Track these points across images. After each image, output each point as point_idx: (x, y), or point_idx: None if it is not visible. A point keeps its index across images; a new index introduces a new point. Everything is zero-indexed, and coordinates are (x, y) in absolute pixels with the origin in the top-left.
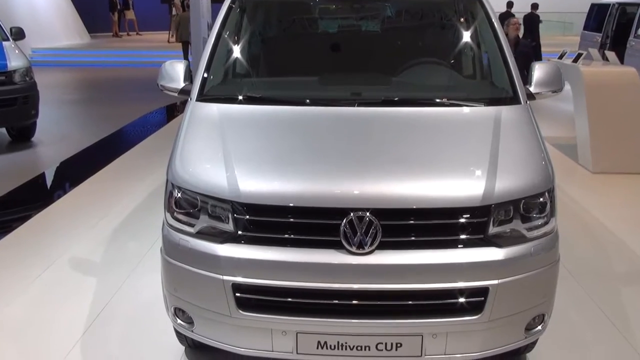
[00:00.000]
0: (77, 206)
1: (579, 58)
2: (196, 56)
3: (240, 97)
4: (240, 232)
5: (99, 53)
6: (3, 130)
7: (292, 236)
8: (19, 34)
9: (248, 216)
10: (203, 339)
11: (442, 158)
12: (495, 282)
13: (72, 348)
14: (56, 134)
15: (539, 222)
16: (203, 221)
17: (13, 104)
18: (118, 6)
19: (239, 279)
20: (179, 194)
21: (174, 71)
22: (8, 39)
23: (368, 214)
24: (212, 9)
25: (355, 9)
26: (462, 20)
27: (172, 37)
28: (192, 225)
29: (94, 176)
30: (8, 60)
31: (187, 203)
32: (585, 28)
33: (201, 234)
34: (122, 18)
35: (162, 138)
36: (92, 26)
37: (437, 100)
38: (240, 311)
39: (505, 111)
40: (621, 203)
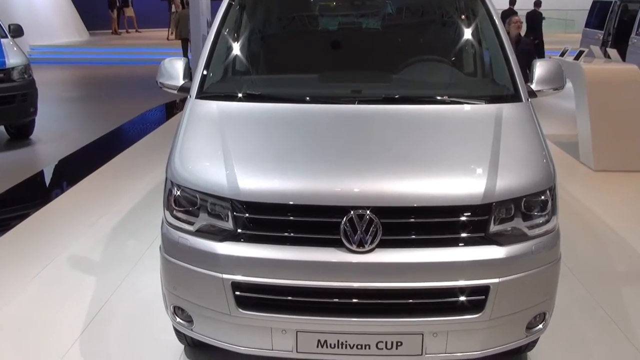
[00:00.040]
0: (76, 204)
1: (581, 55)
2: (195, 53)
3: (239, 95)
4: (239, 231)
5: (98, 50)
6: (1, 128)
7: (292, 234)
8: (18, 31)
9: (248, 214)
10: (202, 338)
11: (443, 156)
12: (496, 281)
13: (71, 346)
14: (55, 132)
15: (540, 221)
16: (202, 219)
17: (11, 102)
18: (117, 3)
19: (239, 278)
20: (178, 192)
21: (173, 68)
22: (6, 36)
23: (368, 212)
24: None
25: (355, 6)
26: (463, 17)
27: (172, 35)
28: (192, 223)
29: (93, 174)
30: (6, 57)
31: (187, 201)
32: (587, 25)
33: (200, 232)
34: (121, 15)
35: (162, 136)
36: (91, 23)
37: (438, 97)
38: (239, 310)
39: (506, 109)
40: (623, 201)
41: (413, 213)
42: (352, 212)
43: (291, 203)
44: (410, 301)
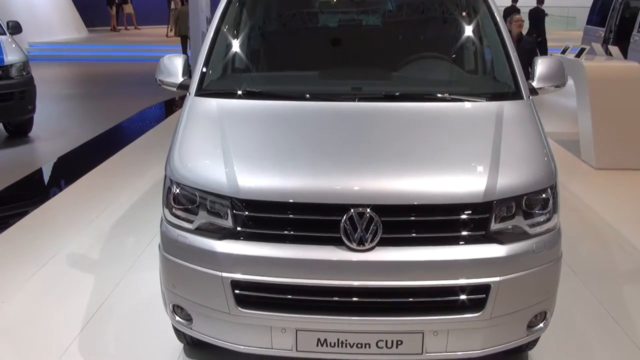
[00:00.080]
0: (75, 202)
1: (582, 53)
2: (195, 51)
3: (239, 92)
4: (239, 229)
5: (97, 47)
6: (0, 125)
7: (292, 232)
8: (16, 28)
9: (247, 212)
10: (202, 336)
11: (444, 154)
12: (497, 279)
13: (70, 345)
14: (53, 129)
15: (542, 219)
16: (202, 217)
17: (10, 99)
18: (116, 0)
19: (238, 276)
20: (178, 190)
21: (173, 65)
22: (5, 33)
23: (369, 210)
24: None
25: (356, 3)
26: (464, 14)
27: (171, 32)
28: (191, 221)
29: (92, 172)
30: (5, 54)
31: (186, 199)
32: (588, 22)
33: (200, 230)
34: (120, 12)
35: (161, 133)
36: (90, 20)
37: (439, 95)
38: (239, 308)
39: (507, 106)
40: (624, 199)
41: (413, 211)
42: (352, 210)
43: (291, 201)
44: (410, 300)
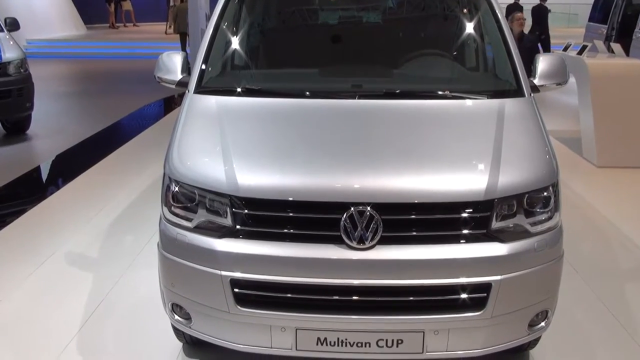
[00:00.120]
0: (73, 200)
1: (584, 50)
2: (194, 48)
3: (238, 90)
4: (238, 227)
5: (95, 44)
6: None
7: (292, 231)
8: (14, 25)
9: (246, 210)
10: (201, 335)
11: (445, 151)
12: (498, 278)
13: (69, 344)
14: (52, 127)
15: (543, 217)
16: (201, 215)
17: (7, 97)
18: None
19: (238, 275)
20: (177, 188)
21: (172, 63)
22: (2, 30)
23: (369, 209)
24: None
25: (356, 0)
26: (465, 11)
27: (170, 29)
28: (190, 219)
29: (90, 170)
30: (2, 51)
31: (185, 197)
32: (590, 20)
33: (199, 229)
34: (119, 9)
35: (160, 131)
36: (88, 17)
37: (440, 92)
38: (238, 307)
39: (508, 104)
40: (626, 197)
41: (414, 209)
42: (353, 209)
43: (291, 199)
44: (411, 298)
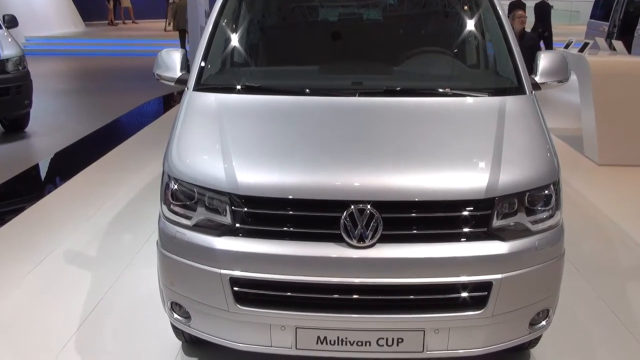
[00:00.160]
0: (72, 198)
1: (586, 48)
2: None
3: (238, 87)
4: (238, 225)
5: (94, 42)
6: None
7: (291, 229)
8: (12, 22)
9: (246, 209)
10: (200, 334)
11: (445, 149)
12: (499, 277)
13: (67, 342)
14: (50, 125)
15: (544, 215)
16: (200, 214)
17: (6, 94)
18: None
19: (237, 273)
20: (176, 186)
21: (171, 60)
22: (1, 27)
23: (369, 207)
24: None
25: None
26: (466, 8)
27: (169, 26)
28: (189, 217)
29: (89, 168)
30: (1, 49)
31: (184, 195)
32: (592, 17)
33: (198, 227)
34: (118, 6)
35: (159, 129)
36: (87, 14)
37: (440, 90)
38: (238, 305)
39: (509, 101)
40: (627, 196)
41: (414, 207)
42: (353, 207)
43: (290, 197)
44: (411, 297)
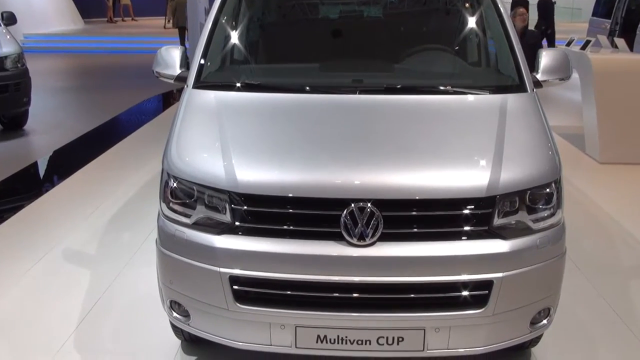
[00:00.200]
0: (71, 196)
1: (587, 45)
2: (193, 42)
3: (238, 84)
4: (237, 223)
5: (93, 39)
6: None
7: (291, 227)
8: (11, 19)
9: (246, 207)
10: (199, 333)
11: (446, 147)
12: (499, 275)
13: (65, 341)
14: (49, 122)
15: (545, 214)
16: (199, 212)
17: (4, 91)
18: None
19: (237, 271)
20: (175, 184)
21: (170, 57)
22: None
23: (369, 205)
24: None
25: None
26: (467, 5)
27: (169, 23)
28: (188, 215)
29: (88, 165)
30: None
31: (183, 193)
32: (594, 14)
33: (197, 225)
34: (117, 3)
35: (158, 126)
36: (86, 11)
37: (441, 87)
38: (237, 304)
39: (511, 99)
40: (629, 194)
41: (415, 206)
42: (353, 205)
43: (290, 195)
44: (411, 296)
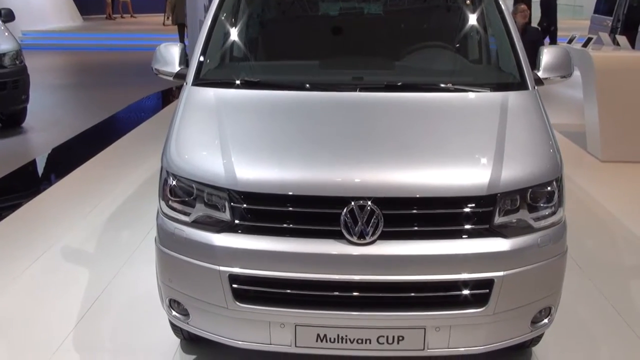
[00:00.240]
0: (69, 194)
1: (589, 43)
2: (192, 39)
3: (237, 82)
4: (237, 222)
5: (92, 36)
6: None
7: (291, 226)
8: (9, 16)
9: (245, 205)
10: (199, 332)
11: (447, 145)
12: (500, 274)
13: (64, 340)
14: (47, 120)
15: (547, 212)
16: (199, 210)
17: (2, 89)
18: None
19: (236, 270)
20: (174, 182)
21: (169, 54)
22: None
23: (369, 203)
24: None
25: None
26: (468, 2)
27: (168, 20)
28: (188, 214)
29: (87, 163)
30: None
31: (183, 191)
32: (595, 11)
33: (197, 223)
34: (116, 0)
35: (157, 124)
36: (85, 8)
37: (442, 85)
38: (237, 303)
39: (512, 97)
40: (630, 192)
41: (415, 204)
42: (353, 203)
43: (290, 193)
44: (412, 295)
